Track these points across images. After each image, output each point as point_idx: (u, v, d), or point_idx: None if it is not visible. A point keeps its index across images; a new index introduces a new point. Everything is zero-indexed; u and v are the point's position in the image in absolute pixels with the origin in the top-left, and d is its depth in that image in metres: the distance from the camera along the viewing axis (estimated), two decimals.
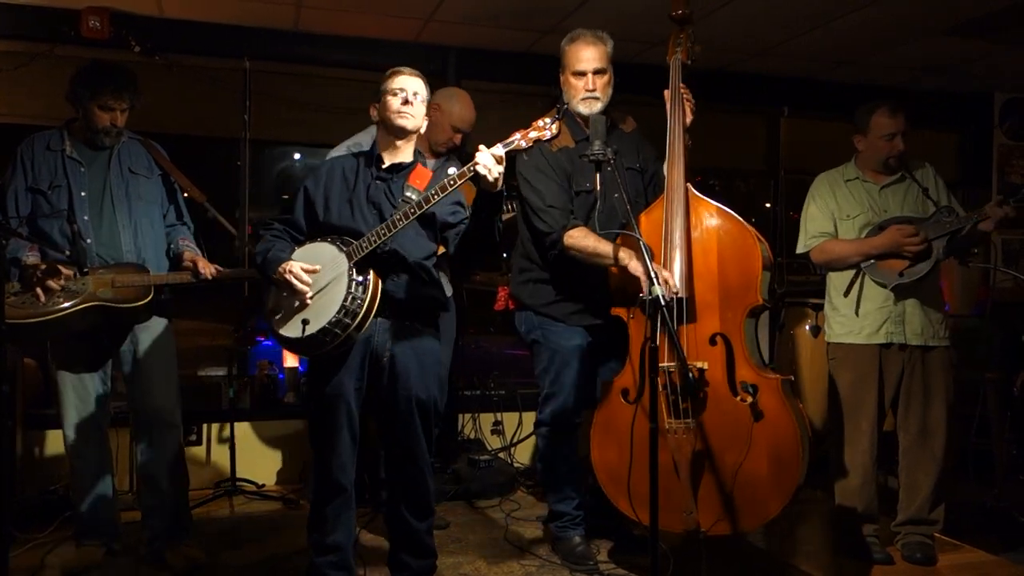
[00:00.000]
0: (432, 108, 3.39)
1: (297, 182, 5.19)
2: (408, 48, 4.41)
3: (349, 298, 2.46)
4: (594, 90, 2.94)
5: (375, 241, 2.49)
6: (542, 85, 4.66)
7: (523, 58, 4.62)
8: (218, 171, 4.58)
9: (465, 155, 3.70)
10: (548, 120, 2.46)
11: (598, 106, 2.94)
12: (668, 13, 2.90)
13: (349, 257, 2.51)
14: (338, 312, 2.45)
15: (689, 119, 2.88)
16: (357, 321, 2.46)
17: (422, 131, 2.73)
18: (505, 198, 2.58)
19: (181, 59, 4.22)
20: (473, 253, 2.69)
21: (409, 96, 2.61)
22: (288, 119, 4.50)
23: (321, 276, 2.53)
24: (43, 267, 2.77)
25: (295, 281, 2.51)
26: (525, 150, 2.51)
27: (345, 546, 2.67)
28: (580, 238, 2.87)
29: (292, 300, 2.55)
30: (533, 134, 2.44)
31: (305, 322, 2.47)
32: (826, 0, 3.80)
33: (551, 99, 3.37)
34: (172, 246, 3.09)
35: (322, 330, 2.45)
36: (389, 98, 2.62)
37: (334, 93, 4.55)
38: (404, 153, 2.69)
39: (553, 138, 2.50)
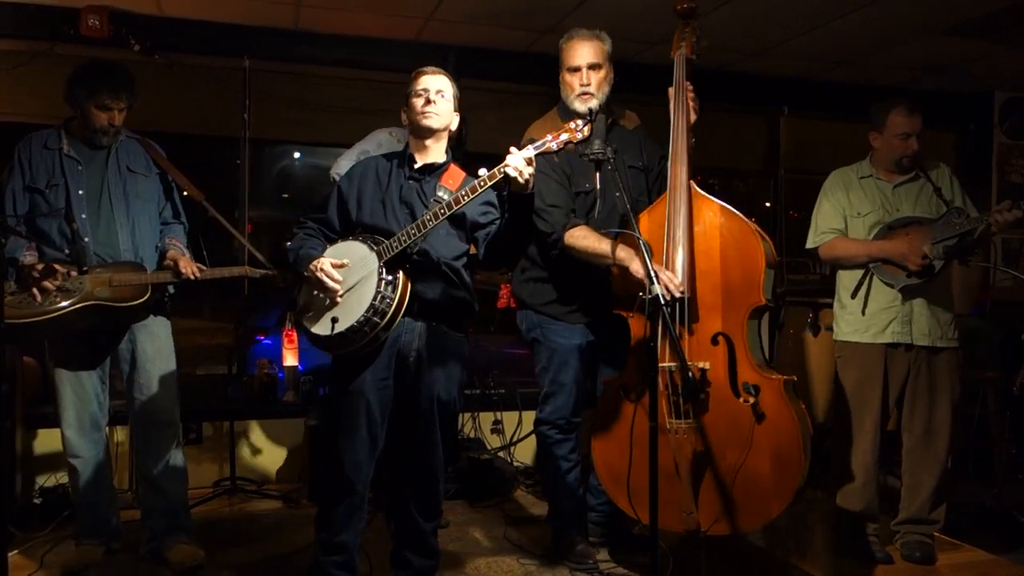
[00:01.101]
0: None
1: (297, 181, 5.23)
2: (408, 47, 4.41)
3: (378, 297, 2.46)
4: (588, 84, 2.91)
5: (405, 241, 2.49)
6: (542, 84, 4.65)
7: (523, 57, 4.63)
8: (218, 170, 4.58)
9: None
10: (580, 122, 2.44)
11: (594, 102, 2.91)
12: (672, 7, 2.87)
13: (379, 256, 2.51)
14: (367, 311, 2.45)
15: (693, 118, 2.87)
16: (386, 320, 2.47)
17: (452, 127, 2.73)
18: None
19: (181, 58, 4.21)
20: (503, 255, 2.68)
21: (432, 95, 2.61)
22: (288, 118, 4.50)
23: (351, 274, 2.54)
24: (39, 267, 2.77)
25: (325, 279, 2.51)
26: (556, 152, 2.50)
27: (352, 547, 2.67)
28: (581, 237, 2.86)
29: (322, 298, 2.57)
30: (564, 136, 2.43)
31: (334, 320, 2.49)
32: (826, 0, 3.80)
33: (551, 98, 3.36)
34: (159, 244, 3.09)
35: (350, 328, 2.46)
36: (413, 99, 2.64)
37: (334, 92, 4.55)
38: (435, 153, 2.69)
39: (585, 140, 2.48)
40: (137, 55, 3.94)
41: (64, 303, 2.80)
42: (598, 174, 2.65)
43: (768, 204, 5.45)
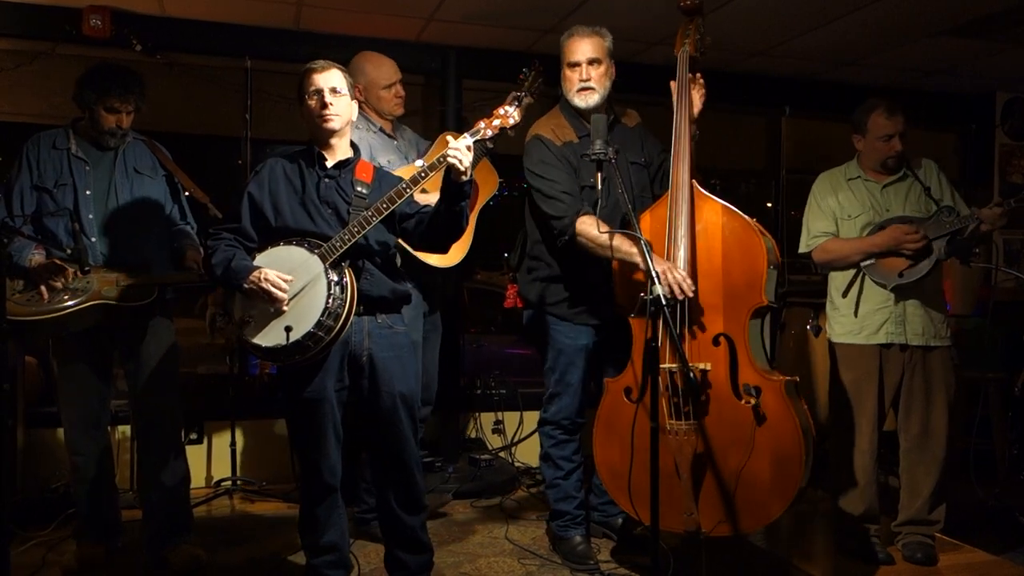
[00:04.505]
0: (357, 93, 3.39)
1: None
2: (409, 48, 4.41)
3: (330, 299, 2.43)
4: (588, 80, 2.91)
5: (348, 240, 2.47)
6: (543, 84, 4.68)
7: (523, 57, 4.59)
8: (220, 170, 4.59)
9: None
10: (509, 108, 2.47)
11: (595, 97, 2.91)
12: (677, 4, 2.86)
13: (323, 258, 2.47)
14: (322, 314, 2.41)
15: (699, 107, 2.85)
16: (340, 322, 2.44)
17: (353, 118, 2.67)
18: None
19: (182, 58, 4.22)
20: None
21: (326, 97, 2.53)
22: (289, 118, 4.49)
23: (295, 280, 2.47)
24: (46, 265, 2.78)
25: (272, 288, 2.43)
26: (490, 139, 2.52)
27: (341, 545, 2.68)
28: (592, 225, 2.81)
29: (266, 308, 2.48)
30: (496, 122, 2.46)
31: (288, 328, 2.42)
32: (826, 0, 3.80)
33: (552, 99, 3.37)
34: (175, 245, 3.09)
35: (307, 334, 2.41)
36: (308, 103, 2.56)
37: None
38: (343, 149, 2.65)
39: (516, 125, 2.50)
40: (139, 55, 3.94)
41: (71, 302, 2.81)
42: (599, 173, 2.65)
43: (769, 204, 5.45)
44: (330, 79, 2.56)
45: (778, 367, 3.08)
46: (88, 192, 2.92)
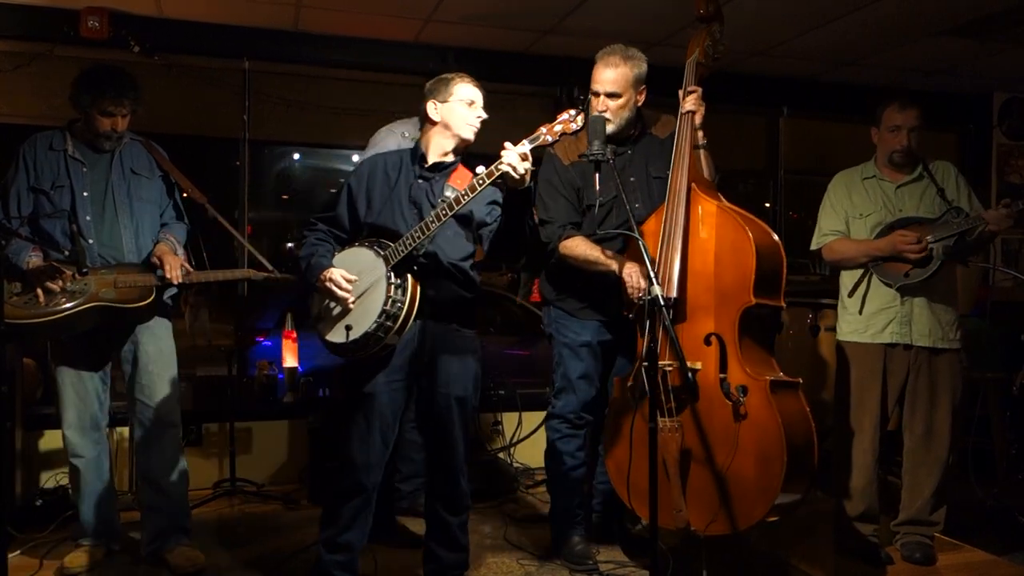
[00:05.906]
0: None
1: (296, 182, 5.23)
2: (408, 48, 4.41)
3: (389, 302, 2.50)
4: (604, 111, 2.91)
5: (411, 244, 2.52)
6: (542, 85, 4.68)
7: (523, 58, 4.62)
8: (217, 171, 4.58)
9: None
10: (573, 112, 2.43)
11: (610, 128, 2.91)
12: (695, 13, 2.87)
13: (386, 261, 2.54)
14: (379, 316, 2.49)
15: (698, 120, 2.85)
16: (399, 324, 2.50)
17: None
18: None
19: (180, 59, 4.22)
20: (503, 251, 2.71)
21: (480, 110, 2.65)
22: (288, 119, 4.50)
23: (361, 281, 2.58)
24: (43, 268, 2.78)
25: (336, 289, 2.56)
26: (551, 144, 2.50)
27: (356, 547, 2.68)
28: (573, 247, 2.92)
29: (335, 306, 2.61)
30: (558, 127, 2.42)
31: (348, 328, 2.54)
32: (826, 0, 3.80)
33: (551, 99, 3.38)
34: (155, 240, 3.06)
35: (365, 335, 2.50)
36: (461, 107, 2.64)
37: (334, 94, 4.55)
38: (450, 155, 2.70)
39: (579, 130, 2.48)
40: (137, 56, 3.94)
41: (69, 304, 2.80)
42: (597, 175, 2.65)
43: (768, 205, 5.45)
44: (481, 96, 2.69)
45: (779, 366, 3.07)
46: (85, 194, 2.92)
